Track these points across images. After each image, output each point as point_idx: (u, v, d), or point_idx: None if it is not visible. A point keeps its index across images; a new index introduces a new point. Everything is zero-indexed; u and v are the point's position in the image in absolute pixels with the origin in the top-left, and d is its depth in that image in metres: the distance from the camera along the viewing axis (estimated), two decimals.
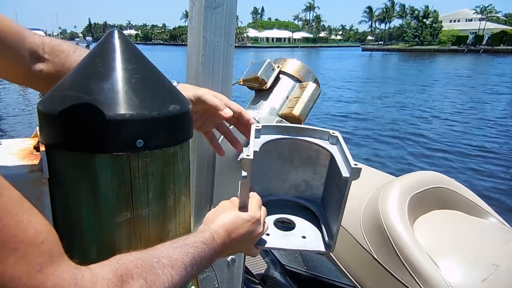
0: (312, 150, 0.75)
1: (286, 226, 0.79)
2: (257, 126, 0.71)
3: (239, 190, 0.65)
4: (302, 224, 0.78)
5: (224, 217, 0.63)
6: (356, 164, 0.62)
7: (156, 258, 0.48)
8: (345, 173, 0.63)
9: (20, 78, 0.72)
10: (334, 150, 0.71)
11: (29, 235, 0.34)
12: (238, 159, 0.90)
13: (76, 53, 0.74)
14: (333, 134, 0.72)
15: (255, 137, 0.70)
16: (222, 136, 0.88)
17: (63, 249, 0.38)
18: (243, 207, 0.66)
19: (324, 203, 0.80)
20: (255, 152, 0.64)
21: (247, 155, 0.61)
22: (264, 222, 0.69)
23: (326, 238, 0.72)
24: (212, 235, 0.59)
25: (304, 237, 0.74)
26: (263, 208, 0.70)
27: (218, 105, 0.74)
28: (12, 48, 0.66)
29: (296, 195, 0.82)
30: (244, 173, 0.63)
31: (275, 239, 0.73)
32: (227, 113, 0.74)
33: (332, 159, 0.70)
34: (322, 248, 0.72)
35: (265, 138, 0.71)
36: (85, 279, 0.38)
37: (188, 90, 0.76)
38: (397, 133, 8.64)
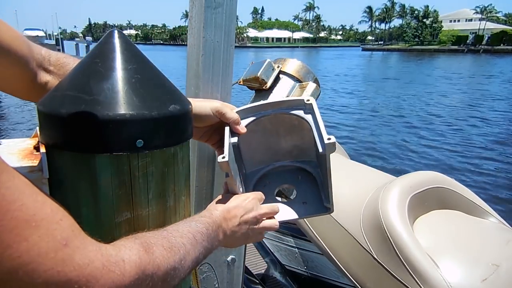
0: (293, 119, 0.77)
1: (288, 192, 0.82)
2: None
3: (228, 186, 0.70)
4: (301, 189, 0.80)
5: (217, 201, 0.69)
6: (329, 139, 0.64)
7: (165, 232, 0.51)
8: (321, 149, 0.65)
9: (24, 91, 0.72)
10: (310, 120, 0.72)
11: (47, 213, 0.35)
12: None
13: None
14: (307, 102, 0.73)
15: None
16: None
17: None
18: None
19: (319, 161, 0.81)
20: (234, 143, 0.68)
21: (223, 157, 0.64)
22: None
23: (324, 202, 0.75)
24: (210, 211, 0.64)
25: (304, 202, 0.77)
26: (259, 193, 0.74)
27: (236, 119, 0.75)
28: (21, 59, 0.65)
29: (292, 160, 0.84)
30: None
31: (278, 212, 0.76)
32: (243, 128, 0.75)
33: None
34: (322, 211, 0.76)
35: (244, 122, 0.75)
36: (108, 249, 0.39)
37: (205, 106, 0.77)
38: (397, 133, 8.64)
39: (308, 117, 0.73)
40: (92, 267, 0.36)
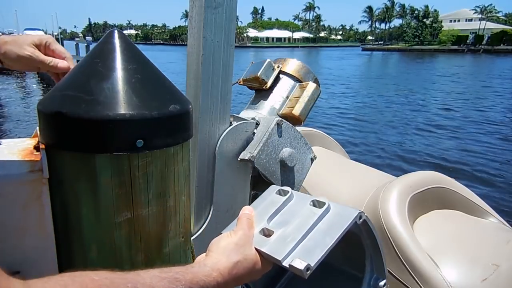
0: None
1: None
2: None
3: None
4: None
5: (231, 257, 0.54)
6: None
7: (130, 285, 0.41)
8: None
9: None
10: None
11: None
12: (238, 159, 0.90)
13: None
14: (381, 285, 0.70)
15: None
16: (224, 133, 0.88)
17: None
18: None
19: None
20: (309, 268, 0.52)
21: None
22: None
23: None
24: (216, 281, 0.50)
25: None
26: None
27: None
28: None
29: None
30: None
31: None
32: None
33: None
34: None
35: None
36: None
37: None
38: (397, 133, 8.64)
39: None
40: None
